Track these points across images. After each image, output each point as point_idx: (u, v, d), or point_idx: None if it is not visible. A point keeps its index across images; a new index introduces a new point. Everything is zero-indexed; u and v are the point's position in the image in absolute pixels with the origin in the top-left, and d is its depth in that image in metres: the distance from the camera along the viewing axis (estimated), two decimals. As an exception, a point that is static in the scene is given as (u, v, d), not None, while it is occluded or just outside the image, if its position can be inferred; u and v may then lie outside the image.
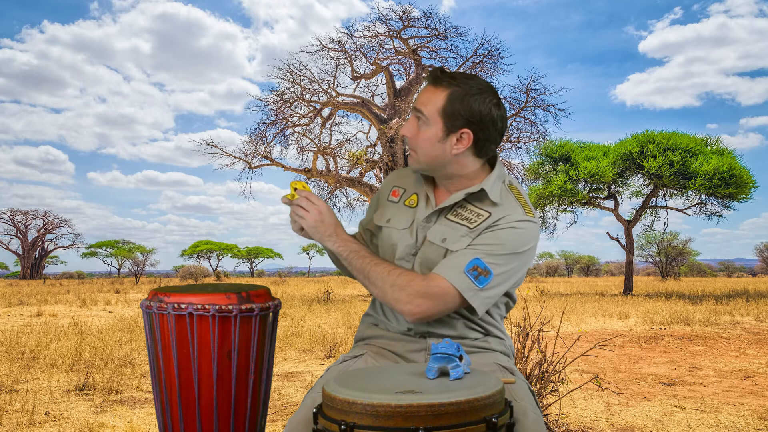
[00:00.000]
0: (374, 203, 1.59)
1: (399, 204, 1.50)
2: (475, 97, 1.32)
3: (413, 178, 1.53)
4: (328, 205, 1.42)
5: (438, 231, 1.40)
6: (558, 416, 3.07)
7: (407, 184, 1.53)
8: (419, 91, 1.40)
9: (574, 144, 17.25)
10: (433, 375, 1.08)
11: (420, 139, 1.37)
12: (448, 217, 1.41)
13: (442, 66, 1.39)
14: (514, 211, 1.36)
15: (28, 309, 11.21)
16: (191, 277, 31.81)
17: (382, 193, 1.58)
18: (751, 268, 51.14)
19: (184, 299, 1.49)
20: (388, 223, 1.48)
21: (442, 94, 1.33)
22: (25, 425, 2.97)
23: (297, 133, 17.72)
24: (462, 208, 1.41)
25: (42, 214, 42.31)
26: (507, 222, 1.35)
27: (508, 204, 1.39)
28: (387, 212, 1.51)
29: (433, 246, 1.39)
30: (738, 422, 3.07)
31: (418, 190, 1.49)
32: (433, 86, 1.35)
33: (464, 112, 1.33)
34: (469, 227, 1.37)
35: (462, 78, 1.34)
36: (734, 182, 14.86)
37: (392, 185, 1.56)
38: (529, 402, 1.19)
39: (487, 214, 1.38)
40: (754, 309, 10.01)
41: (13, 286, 25.15)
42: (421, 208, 1.45)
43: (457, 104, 1.33)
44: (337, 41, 17.14)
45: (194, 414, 1.51)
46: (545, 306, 9.39)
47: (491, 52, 16.96)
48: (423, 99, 1.36)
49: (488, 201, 1.39)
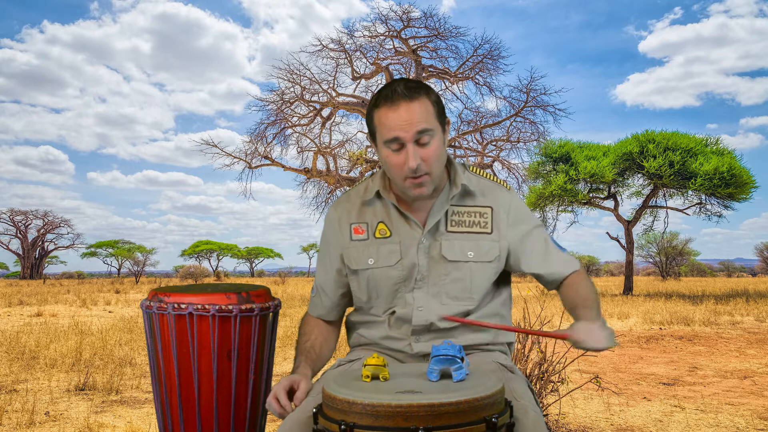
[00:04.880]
0: (328, 254, 1.45)
1: (370, 240, 1.39)
2: (430, 87, 1.31)
3: (363, 209, 1.42)
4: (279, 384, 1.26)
5: (454, 247, 1.35)
6: (558, 416, 3.07)
7: (364, 217, 1.41)
8: (387, 118, 1.24)
9: (574, 144, 17.24)
10: (435, 377, 1.07)
11: (433, 156, 1.26)
12: (450, 230, 1.36)
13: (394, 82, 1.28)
14: (499, 191, 1.41)
15: (28, 309, 11.21)
16: (191, 277, 31.79)
17: (335, 237, 1.43)
18: (751, 268, 51.11)
19: (184, 299, 1.49)
20: (372, 264, 1.37)
21: (424, 100, 1.25)
22: (25, 425, 2.97)
23: (297, 133, 17.73)
24: (454, 214, 1.37)
25: (42, 214, 42.32)
26: (511, 203, 1.40)
27: (489, 187, 1.41)
28: (362, 253, 1.39)
29: (453, 264, 1.34)
30: (738, 422, 3.07)
31: (383, 217, 1.39)
32: (409, 101, 1.23)
33: (442, 104, 1.32)
34: (488, 232, 1.36)
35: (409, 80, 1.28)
36: (734, 182, 14.85)
37: (348, 224, 1.42)
38: (529, 401, 1.19)
39: (488, 209, 1.37)
40: (754, 309, 10.00)
41: (13, 286, 25.15)
42: (406, 233, 1.36)
43: (438, 100, 1.30)
44: (337, 41, 17.14)
45: (194, 414, 1.51)
46: (545, 306, 9.38)
47: (491, 52, 16.95)
48: (413, 117, 1.22)
49: (471, 195, 1.38)
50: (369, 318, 1.45)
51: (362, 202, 1.42)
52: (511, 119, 17.59)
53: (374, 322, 1.43)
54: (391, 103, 1.24)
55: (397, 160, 1.26)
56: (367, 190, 1.43)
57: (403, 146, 1.24)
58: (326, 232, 1.46)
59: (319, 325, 1.50)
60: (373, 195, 1.40)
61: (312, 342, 1.44)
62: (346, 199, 1.46)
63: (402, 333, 1.39)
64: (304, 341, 1.44)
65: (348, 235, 1.42)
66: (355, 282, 1.42)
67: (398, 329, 1.39)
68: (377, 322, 1.43)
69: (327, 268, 1.47)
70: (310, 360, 1.38)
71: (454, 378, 1.07)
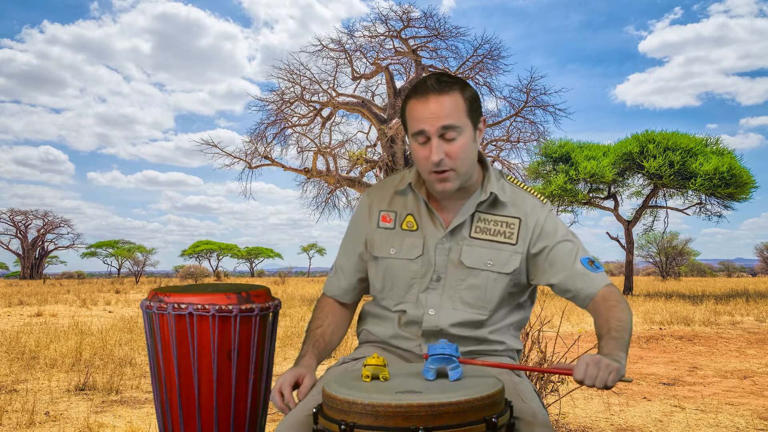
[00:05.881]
0: (355, 235, 1.46)
1: (396, 230, 1.38)
2: (467, 83, 1.29)
3: (395, 198, 1.42)
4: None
5: (474, 254, 1.32)
6: (558, 416, 3.07)
7: (394, 206, 1.41)
8: (416, 110, 1.24)
9: (574, 144, 17.25)
10: (431, 376, 1.07)
11: (459, 153, 1.24)
12: (474, 236, 1.34)
13: (431, 75, 1.28)
14: (532, 203, 1.36)
15: (28, 309, 11.21)
16: (191, 277, 31.80)
17: (364, 222, 1.44)
18: (751, 268, 51.13)
19: (184, 299, 1.49)
20: (393, 254, 1.37)
21: (456, 95, 1.24)
22: (25, 425, 2.97)
23: (297, 133, 17.74)
24: (480, 220, 1.34)
25: (42, 214, 42.36)
26: (543, 216, 1.35)
27: (522, 198, 1.37)
28: (386, 242, 1.39)
29: (470, 270, 1.32)
30: (738, 422, 3.07)
31: (412, 210, 1.38)
32: (438, 94, 1.22)
33: (478, 101, 1.29)
34: (511, 243, 1.33)
35: (446, 74, 1.29)
36: (734, 182, 14.86)
37: (378, 210, 1.42)
38: (537, 404, 1.18)
39: (517, 220, 1.34)
40: (754, 309, 10.01)
41: (13, 286, 25.15)
42: (430, 231, 1.35)
43: (473, 98, 1.27)
44: (337, 41, 17.16)
45: (194, 414, 1.51)
46: (545, 306, 9.39)
47: (491, 52, 16.98)
48: (442, 111, 1.21)
49: (501, 204, 1.35)
50: (380, 311, 1.44)
51: (395, 191, 1.41)
52: (511, 119, 17.63)
53: (385, 318, 1.42)
54: (421, 96, 1.24)
55: (422, 153, 1.26)
56: (402, 180, 1.42)
57: (429, 139, 1.24)
58: (356, 215, 1.47)
59: (333, 310, 1.48)
60: (405, 186, 1.39)
61: (324, 329, 1.42)
62: (381, 186, 1.46)
63: (412, 333, 1.38)
64: (316, 327, 1.43)
65: (376, 221, 1.41)
66: (374, 268, 1.42)
67: (408, 329, 1.38)
68: (387, 318, 1.41)
69: (349, 250, 1.46)
70: (317, 349, 1.37)
71: (450, 377, 1.07)
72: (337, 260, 1.50)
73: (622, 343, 1.17)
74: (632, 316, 1.29)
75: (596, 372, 1.04)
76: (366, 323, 1.49)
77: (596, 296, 1.30)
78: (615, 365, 1.05)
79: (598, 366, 1.05)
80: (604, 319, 1.24)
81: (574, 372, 1.06)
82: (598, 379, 1.04)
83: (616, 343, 1.16)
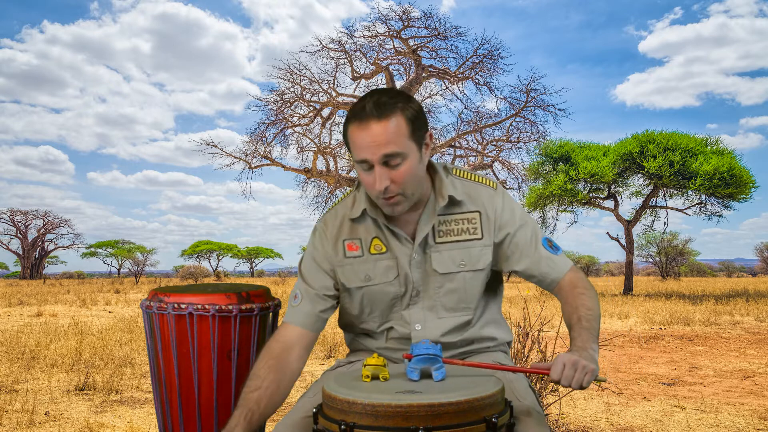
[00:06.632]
0: (317, 266, 1.37)
1: (365, 257, 1.34)
2: (410, 98, 1.23)
3: (354, 226, 1.37)
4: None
5: (444, 259, 1.32)
6: (558, 416, 3.07)
7: (357, 233, 1.36)
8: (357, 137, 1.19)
9: (574, 144, 17.25)
10: (416, 376, 1.07)
11: (404, 178, 1.21)
12: (439, 242, 1.32)
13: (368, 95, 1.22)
14: (486, 192, 1.36)
15: (28, 309, 11.21)
16: (191, 277, 31.80)
17: (327, 252, 1.36)
18: (751, 268, 51.13)
19: (184, 299, 1.49)
20: (370, 281, 1.34)
21: (397, 118, 1.18)
22: (25, 425, 2.97)
23: (297, 133, 17.74)
24: (441, 224, 1.33)
25: (42, 214, 42.34)
26: (499, 204, 1.35)
27: (475, 190, 1.36)
28: (358, 270, 1.35)
29: (445, 276, 1.32)
30: (738, 422, 3.07)
31: (377, 233, 1.35)
32: (378, 120, 1.16)
33: (422, 118, 1.23)
34: (478, 237, 1.32)
35: (386, 92, 1.21)
36: (734, 182, 14.86)
37: (341, 240, 1.36)
38: (531, 402, 1.18)
39: (477, 213, 1.34)
40: (754, 309, 10.01)
41: (13, 286, 25.15)
42: (400, 249, 1.33)
43: (416, 116, 1.21)
44: (337, 41, 17.15)
45: (194, 414, 1.51)
46: (545, 306, 9.38)
47: (491, 52, 16.98)
48: (383, 139, 1.16)
49: (457, 202, 1.33)
50: (362, 330, 1.42)
51: (351, 219, 1.36)
52: (511, 119, 17.62)
53: (371, 335, 1.41)
54: (360, 122, 1.18)
55: (368, 180, 1.22)
56: (355, 206, 1.37)
57: (373, 167, 1.20)
58: (316, 243, 1.38)
59: (280, 362, 1.29)
60: (359, 213, 1.35)
61: (261, 393, 1.23)
62: (334, 214, 1.40)
63: (401, 345, 1.37)
64: (254, 388, 1.23)
65: (342, 251, 1.36)
66: (348, 299, 1.38)
67: (398, 343, 1.37)
68: (374, 334, 1.40)
69: (315, 278, 1.37)
70: (248, 421, 1.19)
71: (434, 378, 1.07)
72: (298, 287, 1.38)
73: (593, 333, 1.20)
74: (599, 303, 1.31)
75: (572, 374, 1.07)
76: (352, 335, 1.48)
77: (562, 281, 1.33)
78: (591, 367, 1.08)
79: (575, 367, 1.07)
80: (572, 307, 1.26)
81: (551, 372, 1.08)
82: (575, 380, 1.06)
83: (588, 334, 1.19)
